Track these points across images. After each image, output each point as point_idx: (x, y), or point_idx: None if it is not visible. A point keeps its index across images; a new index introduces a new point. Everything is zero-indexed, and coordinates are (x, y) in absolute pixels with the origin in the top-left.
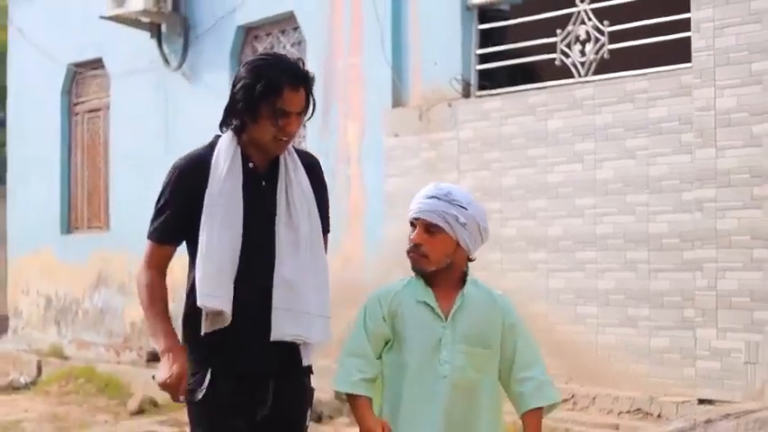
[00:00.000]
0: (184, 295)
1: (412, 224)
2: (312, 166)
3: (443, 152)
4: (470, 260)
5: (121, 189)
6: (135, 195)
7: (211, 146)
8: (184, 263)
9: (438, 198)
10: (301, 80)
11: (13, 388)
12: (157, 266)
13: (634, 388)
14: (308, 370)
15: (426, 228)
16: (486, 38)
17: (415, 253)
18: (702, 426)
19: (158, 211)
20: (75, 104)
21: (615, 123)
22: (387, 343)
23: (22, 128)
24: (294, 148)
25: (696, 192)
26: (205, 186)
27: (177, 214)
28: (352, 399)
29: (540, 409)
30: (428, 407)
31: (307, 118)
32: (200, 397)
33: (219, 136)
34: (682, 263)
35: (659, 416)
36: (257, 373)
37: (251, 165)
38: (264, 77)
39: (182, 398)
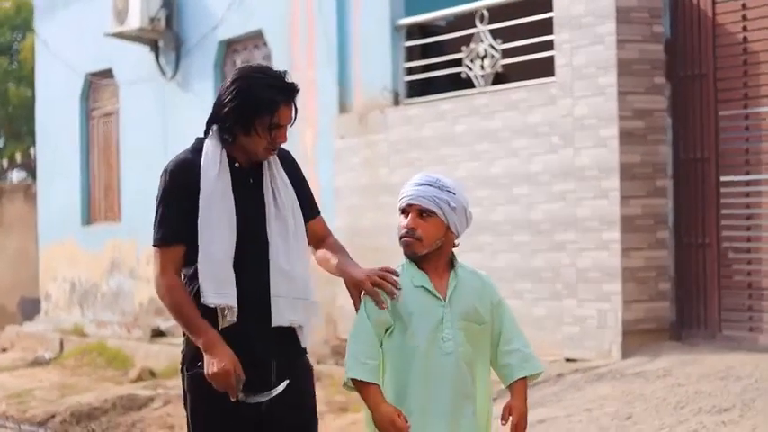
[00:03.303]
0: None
1: (404, 211)
2: (286, 159)
3: (377, 152)
4: (455, 245)
5: (129, 184)
6: (140, 189)
7: (196, 150)
8: None
9: (430, 185)
10: (293, 96)
11: (38, 363)
12: (172, 269)
13: None
14: (305, 350)
15: (420, 213)
16: (425, 52)
17: (410, 237)
18: (554, 378)
19: (160, 217)
20: (92, 110)
21: (504, 128)
22: (387, 330)
23: (48, 132)
24: None
25: (561, 185)
26: (197, 187)
27: (178, 214)
28: (362, 386)
29: (525, 378)
30: (437, 384)
31: (290, 126)
32: (263, 399)
33: (201, 139)
34: (553, 245)
35: None
36: (260, 358)
37: (237, 165)
38: (261, 97)
39: (240, 394)
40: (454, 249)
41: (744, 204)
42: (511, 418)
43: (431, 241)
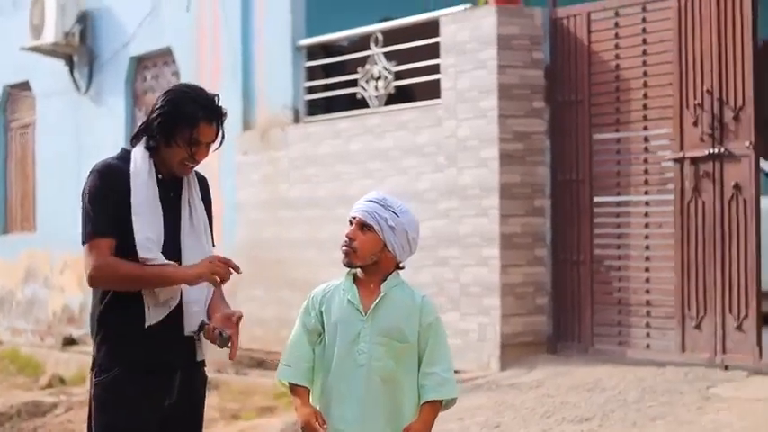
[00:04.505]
0: (98, 298)
1: (351, 222)
2: (203, 183)
3: (278, 168)
4: (400, 267)
5: (44, 195)
6: (54, 200)
7: (122, 158)
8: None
9: (376, 202)
10: (216, 116)
11: None
12: (108, 254)
13: None
14: (203, 360)
15: (360, 225)
16: (329, 71)
17: (347, 246)
18: None
19: (90, 214)
20: (11, 121)
21: (395, 147)
22: (319, 336)
23: None
24: None
25: (445, 203)
26: (124, 191)
27: (106, 212)
28: (292, 389)
29: (438, 402)
30: (348, 395)
31: (215, 148)
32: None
33: (126, 150)
34: (437, 260)
35: None
36: (168, 366)
37: (160, 176)
38: (183, 109)
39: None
40: (401, 271)
41: (614, 224)
42: None
43: (365, 254)
